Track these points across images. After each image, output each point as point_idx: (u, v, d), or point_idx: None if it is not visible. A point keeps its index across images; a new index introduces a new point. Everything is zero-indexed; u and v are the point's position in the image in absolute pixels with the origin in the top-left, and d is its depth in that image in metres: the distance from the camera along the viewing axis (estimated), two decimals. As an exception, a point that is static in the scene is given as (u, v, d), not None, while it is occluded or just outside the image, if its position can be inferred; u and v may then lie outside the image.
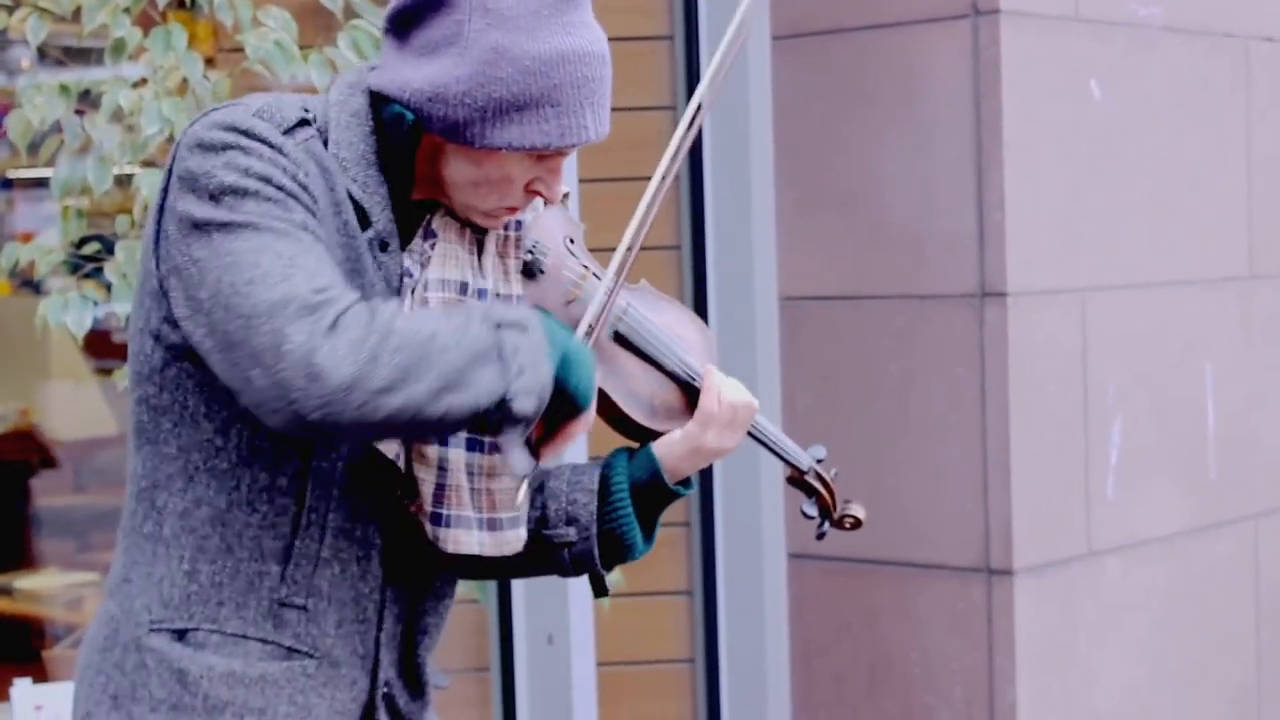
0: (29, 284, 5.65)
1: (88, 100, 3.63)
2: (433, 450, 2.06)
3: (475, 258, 2.13)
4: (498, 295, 2.13)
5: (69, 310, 3.48)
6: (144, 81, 3.55)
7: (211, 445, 2.05)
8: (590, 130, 2.05)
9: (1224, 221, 4.45)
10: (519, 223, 2.16)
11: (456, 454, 2.07)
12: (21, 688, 3.73)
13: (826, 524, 2.36)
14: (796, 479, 2.35)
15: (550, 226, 2.22)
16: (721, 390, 2.21)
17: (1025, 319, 3.91)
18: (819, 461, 2.38)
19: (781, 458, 2.35)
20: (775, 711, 4.18)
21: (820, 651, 4.17)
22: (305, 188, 1.97)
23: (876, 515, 4.09)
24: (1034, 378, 3.93)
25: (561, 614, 3.94)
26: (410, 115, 2.05)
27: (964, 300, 3.92)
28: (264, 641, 2.05)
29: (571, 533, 2.19)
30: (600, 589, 2.27)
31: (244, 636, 2.05)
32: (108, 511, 6.05)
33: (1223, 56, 4.43)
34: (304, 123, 2.03)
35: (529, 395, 1.93)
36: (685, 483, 2.23)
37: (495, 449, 2.07)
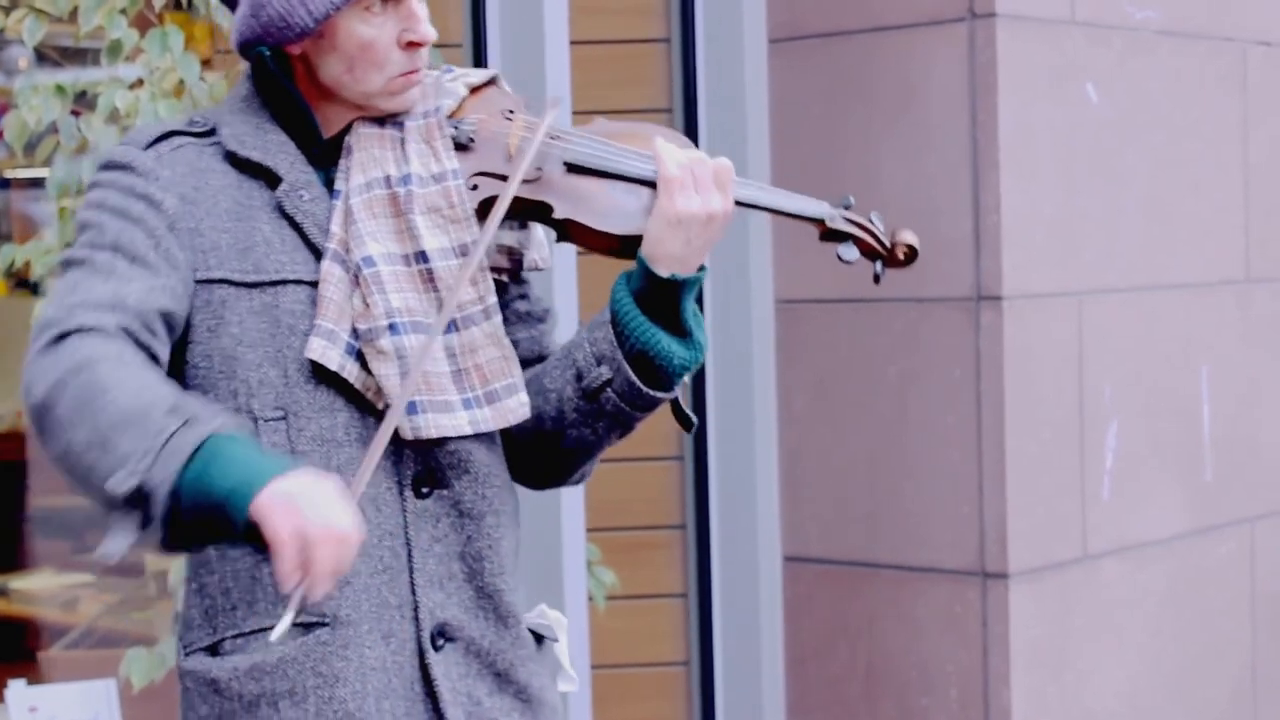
0: (25, 284, 5.64)
1: (84, 101, 3.63)
2: (387, 341, 2.07)
3: (400, 150, 2.14)
4: (430, 176, 2.13)
5: (64, 311, 3.48)
6: (140, 83, 3.55)
7: None
8: None
9: (1221, 225, 4.45)
10: (438, 108, 2.16)
11: (417, 340, 2.07)
12: (16, 689, 3.73)
13: (878, 264, 2.24)
14: (825, 232, 2.23)
15: (487, 103, 2.21)
16: (673, 152, 2.13)
17: (1021, 322, 3.91)
18: (846, 207, 2.24)
19: (792, 216, 2.24)
20: (770, 714, 4.17)
21: (816, 654, 4.17)
22: (145, 196, 2.06)
23: (873, 519, 4.11)
24: (1030, 381, 3.93)
25: (557, 616, 3.94)
26: (265, 51, 2.11)
27: (960, 303, 3.92)
28: (268, 629, 2.03)
29: (604, 370, 2.13)
30: (683, 420, 2.21)
31: (261, 630, 2.07)
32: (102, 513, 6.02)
33: (1219, 60, 4.43)
34: (168, 135, 2.12)
35: (131, 477, 1.84)
36: (699, 268, 2.14)
37: (469, 323, 2.10)
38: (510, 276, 2.23)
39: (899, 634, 4.04)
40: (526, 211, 2.16)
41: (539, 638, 2.25)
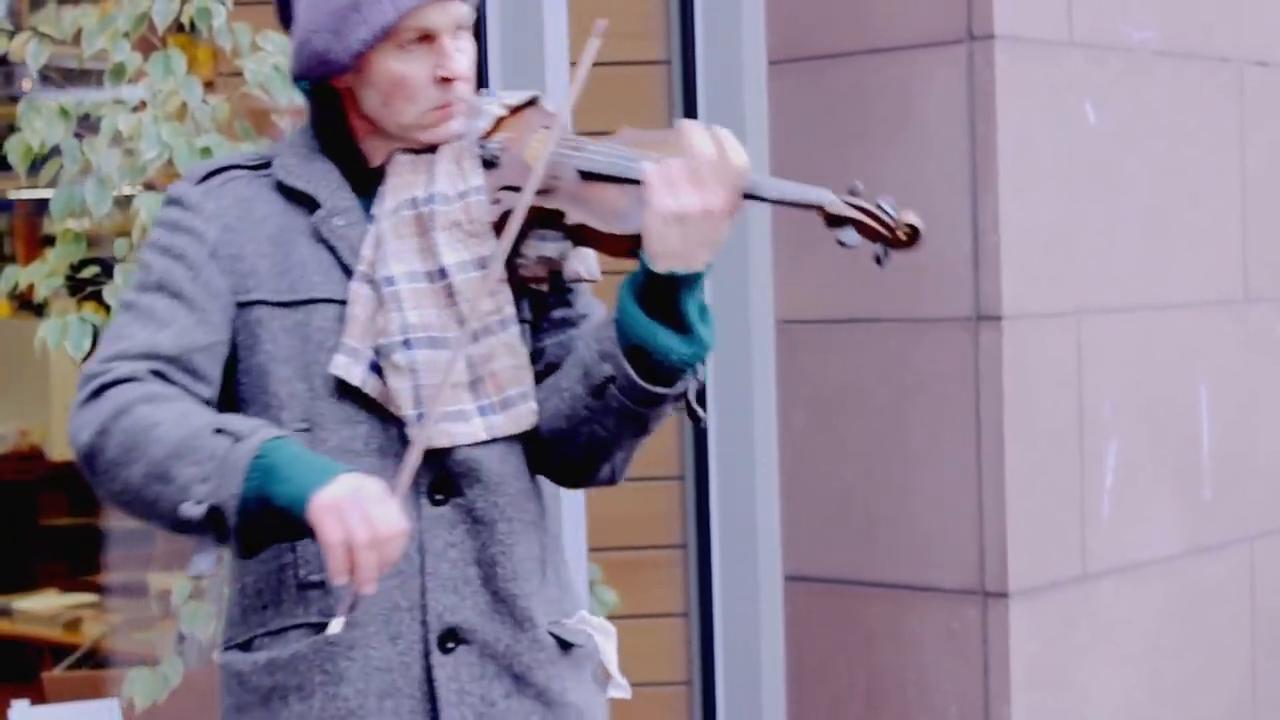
0: (28, 305, 5.66)
1: (87, 124, 3.65)
2: (401, 356, 2.17)
3: (430, 173, 2.24)
4: (456, 194, 2.22)
5: (68, 333, 3.50)
6: (143, 105, 3.57)
7: None
8: None
9: (1219, 244, 4.46)
10: (472, 131, 2.26)
11: (428, 354, 2.17)
12: (19, 709, 3.74)
13: (879, 245, 2.24)
14: (828, 218, 2.23)
15: (523, 123, 2.29)
16: (665, 155, 2.15)
17: (1020, 341, 3.92)
18: (853, 193, 2.24)
19: (796, 205, 2.24)
20: (771, 733, 4.18)
21: (816, 673, 4.17)
22: (189, 229, 2.22)
23: (873, 538, 4.12)
24: (1029, 400, 3.94)
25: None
26: (306, 85, 2.27)
27: (959, 323, 3.93)
28: (298, 626, 2.20)
29: (607, 367, 2.17)
30: (693, 416, 2.24)
31: (284, 629, 2.21)
32: (107, 533, 6.05)
33: (1216, 80, 4.44)
34: (223, 169, 2.28)
35: (201, 502, 2.02)
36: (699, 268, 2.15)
37: (487, 333, 2.20)
38: (551, 288, 2.29)
39: (899, 652, 4.05)
40: (543, 219, 2.22)
41: (564, 643, 2.30)
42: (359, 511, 1.99)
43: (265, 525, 2.04)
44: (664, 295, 2.15)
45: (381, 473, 2.13)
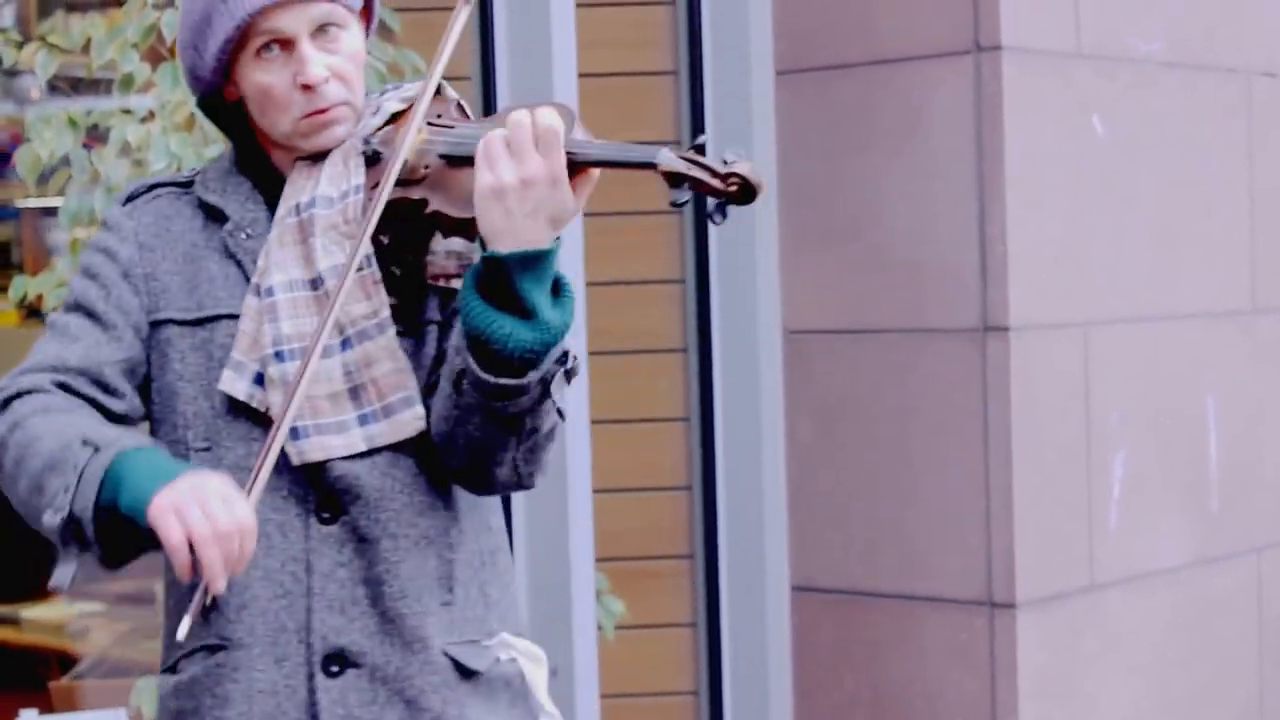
0: (37, 314, 5.66)
1: (96, 134, 3.66)
2: (274, 369, 2.13)
3: (317, 176, 2.19)
4: (337, 195, 2.15)
5: (76, 343, 3.50)
6: (152, 115, 3.57)
7: None
8: None
9: (1226, 255, 4.46)
10: (361, 129, 2.19)
11: (298, 366, 2.10)
12: (27, 718, 3.74)
13: (714, 203, 1.98)
14: (665, 176, 1.99)
15: (417, 115, 2.16)
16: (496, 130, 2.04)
17: (1028, 352, 3.92)
18: (696, 147, 2.01)
19: (625, 165, 2.04)
20: (778, 743, 4.18)
21: (823, 683, 4.17)
22: (106, 249, 2.22)
23: (880, 548, 4.11)
24: (1036, 411, 3.94)
25: (566, 647, 3.95)
26: (195, 99, 2.27)
27: (967, 334, 3.93)
28: (200, 649, 2.18)
29: (458, 360, 2.05)
30: (557, 410, 2.09)
31: (192, 651, 2.19)
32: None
33: (1225, 91, 4.44)
34: (149, 189, 2.27)
35: (58, 512, 2.01)
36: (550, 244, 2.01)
37: (365, 338, 2.13)
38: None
39: (906, 663, 4.05)
40: (409, 210, 2.11)
41: (464, 668, 2.20)
42: (199, 508, 1.93)
43: (119, 535, 2.01)
44: (499, 279, 2.00)
45: (274, 491, 2.11)
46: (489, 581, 2.24)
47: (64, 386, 2.14)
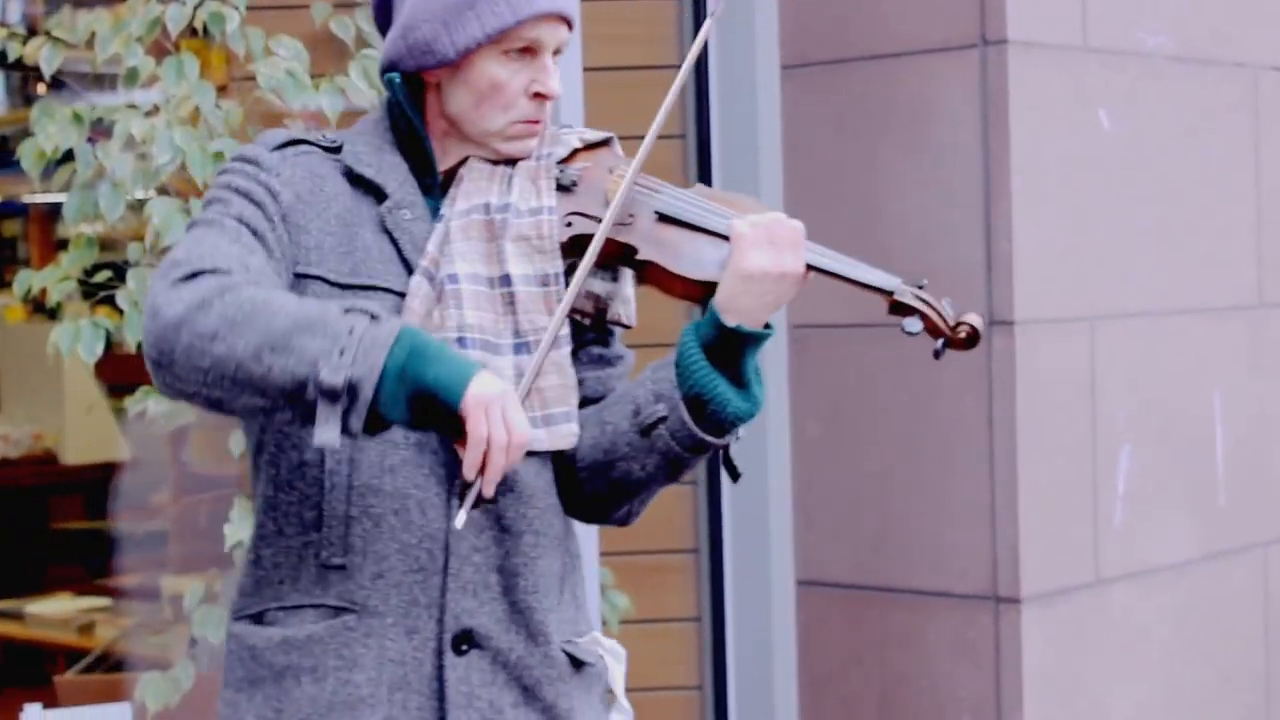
0: (42, 309, 5.66)
1: (101, 128, 3.66)
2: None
3: (505, 184, 2.28)
4: (527, 209, 2.26)
5: (80, 338, 3.50)
6: (156, 110, 3.57)
7: (259, 440, 2.26)
8: (541, 1, 2.23)
9: (1232, 250, 4.46)
10: (550, 154, 2.31)
11: (481, 356, 2.19)
12: (31, 713, 3.75)
13: (941, 342, 2.34)
14: (892, 304, 2.32)
15: (597, 159, 2.35)
16: (751, 215, 2.24)
17: (1033, 347, 3.92)
18: (920, 286, 2.33)
19: (860, 284, 2.32)
20: (784, 738, 4.18)
21: (829, 679, 4.17)
22: (266, 185, 2.21)
23: (885, 543, 4.11)
24: (1042, 406, 3.94)
25: (570, 640, 3.94)
26: (397, 77, 2.27)
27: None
28: (315, 606, 2.20)
29: (661, 408, 2.22)
30: (731, 470, 2.32)
31: (300, 607, 2.21)
32: (120, 537, 6.06)
33: (1231, 86, 4.44)
34: (295, 142, 2.27)
35: (338, 370, 1.98)
36: (765, 325, 2.24)
37: (540, 349, 2.20)
38: (593, 325, 2.34)
39: (912, 659, 4.05)
40: (614, 252, 2.27)
41: (577, 662, 2.32)
42: (503, 413, 2.01)
43: (400, 404, 2.01)
44: (731, 349, 2.21)
45: (417, 468, 2.19)
46: (578, 584, 2.38)
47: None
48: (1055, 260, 3.97)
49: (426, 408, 2.01)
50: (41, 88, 4.69)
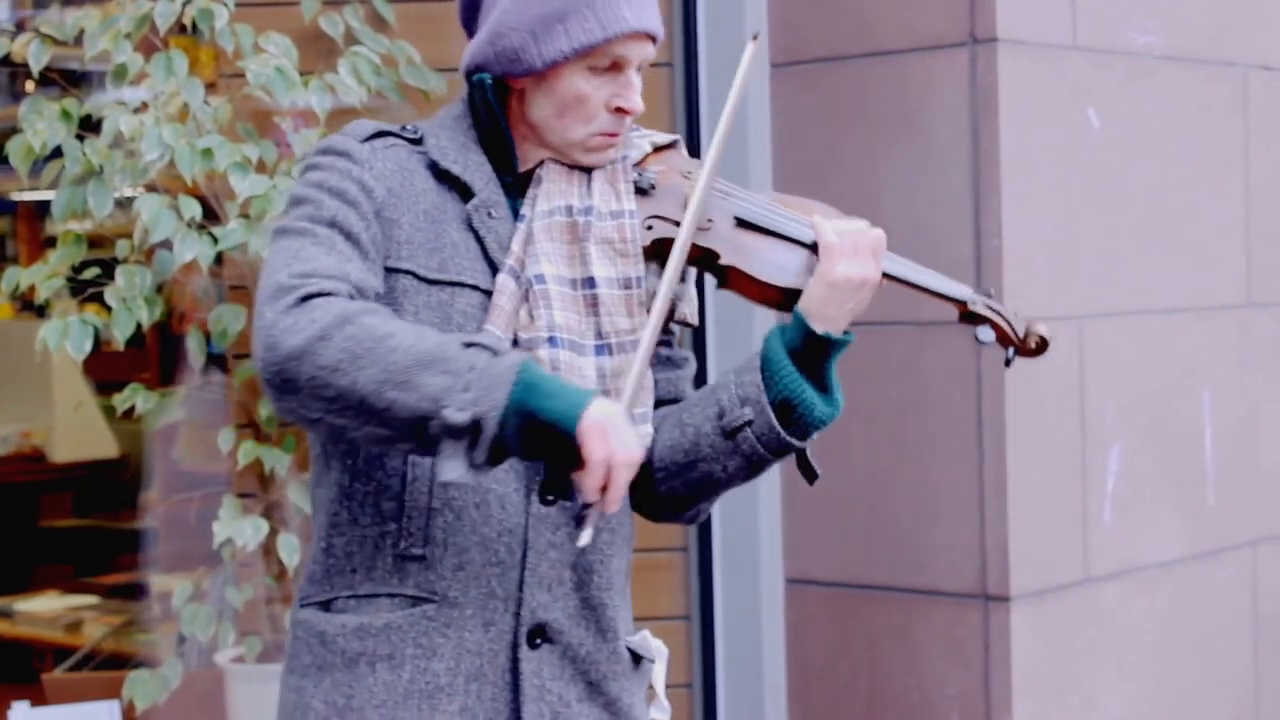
0: (31, 306, 5.65)
1: (89, 125, 3.65)
2: (544, 352, 2.23)
3: (585, 187, 2.31)
4: (609, 212, 2.30)
5: (69, 334, 3.50)
6: (145, 107, 3.57)
7: None
8: (630, 19, 2.26)
9: (1222, 249, 4.46)
10: (625, 157, 2.34)
11: (569, 356, 2.23)
12: (19, 711, 3.74)
13: (1011, 350, 2.40)
14: (965, 313, 2.40)
15: (668, 161, 2.39)
16: (835, 224, 2.30)
17: (1023, 346, 3.91)
18: (988, 295, 2.41)
19: (934, 294, 2.40)
20: (773, 737, 4.18)
21: (818, 677, 4.17)
22: (359, 181, 2.22)
23: (874, 541, 4.11)
24: (1031, 404, 3.94)
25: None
26: (488, 78, 2.28)
27: (962, 327, 3.92)
28: (390, 595, 2.23)
29: (747, 411, 2.27)
30: (808, 472, 2.39)
31: (374, 595, 2.24)
32: (108, 535, 6.05)
33: (1221, 84, 4.44)
34: (383, 134, 2.28)
35: (463, 410, 2.01)
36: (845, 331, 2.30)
37: (623, 350, 2.27)
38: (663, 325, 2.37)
39: (901, 657, 4.05)
40: (697, 256, 2.32)
41: (636, 658, 2.37)
42: (618, 433, 2.05)
43: (515, 438, 2.04)
44: (816, 355, 2.27)
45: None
46: (627, 584, 2.44)
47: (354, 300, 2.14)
48: (1044, 258, 3.97)
49: (543, 439, 2.05)
50: (30, 85, 4.68)
